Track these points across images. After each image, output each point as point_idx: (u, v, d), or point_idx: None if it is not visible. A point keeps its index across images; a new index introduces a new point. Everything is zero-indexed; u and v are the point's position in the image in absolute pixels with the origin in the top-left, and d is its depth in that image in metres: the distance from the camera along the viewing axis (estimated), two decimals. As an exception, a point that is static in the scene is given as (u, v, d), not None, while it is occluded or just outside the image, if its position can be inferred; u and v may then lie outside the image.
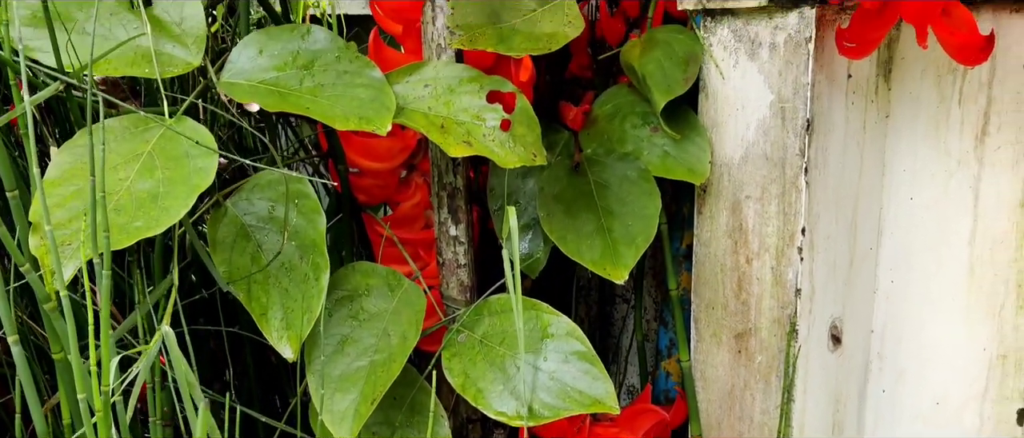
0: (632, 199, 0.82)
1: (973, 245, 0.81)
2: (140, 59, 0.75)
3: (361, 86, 0.75)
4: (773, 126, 0.79)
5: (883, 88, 0.84)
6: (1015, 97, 0.77)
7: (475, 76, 0.76)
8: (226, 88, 0.75)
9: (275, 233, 0.78)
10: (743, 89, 0.81)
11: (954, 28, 0.71)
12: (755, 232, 0.82)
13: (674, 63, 0.82)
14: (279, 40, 0.78)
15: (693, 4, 0.81)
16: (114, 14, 0.76)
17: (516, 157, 0.74)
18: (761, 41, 0.79)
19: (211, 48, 0.81)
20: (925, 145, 0.82)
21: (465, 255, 0.87)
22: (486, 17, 0.74)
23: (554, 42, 0.74)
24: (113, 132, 0.70)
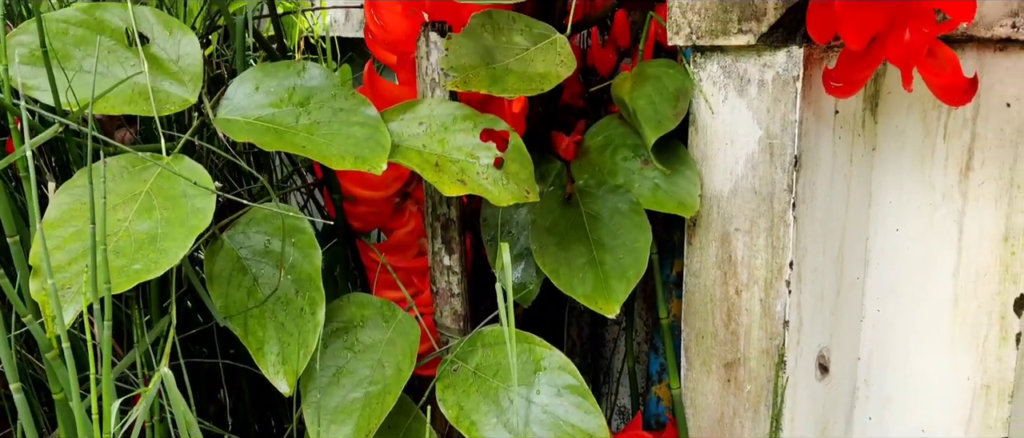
0: (623, 232, 0.83)
1: (957, 277, 0.83)
2: (137, 96, 0.76)
3: (357, 124, 0.76)
4: (762, 161, 0.80)
5: (870, 122, 0.85)
6: (998, 134, 0.78)
7: (469, 114, 0.77)
8: (222, 125, 0.76)
9: (271, 267, 0.79)
10: (732, 124, 0.82)
11: (939, 69, 0.72)
12: (744, 264, 0.84)
13: (664, 98, 0.83)
14: (275, 76, 0.79)
15: (683, 41, 0.83)
16: (111, 52, 0.77)
17: (509, 195, 0.75)
18: (750, 78, 0.80)
19: (207, 77, 0.82)
20: (911, 178, 0.84)
21: (458, 285, 0.89)
22: (480, 58, 0.75)
23: (546, 83, 0.75)
24: (111, 171, 0.71)
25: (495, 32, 0.78)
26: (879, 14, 0.69)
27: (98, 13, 0.77)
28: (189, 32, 0.78)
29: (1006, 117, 0.77)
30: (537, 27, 0.80)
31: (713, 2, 0.80)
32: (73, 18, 0.77)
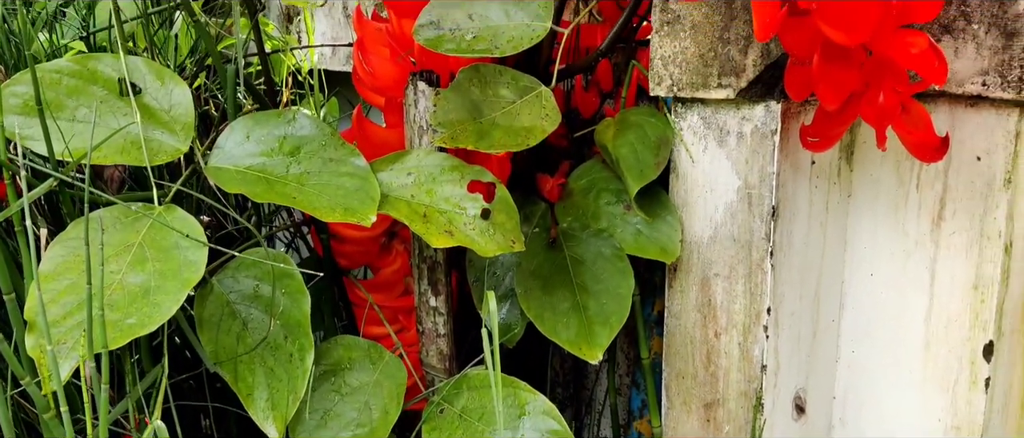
0: (607, 277, 0.85)
1: (929, 322, 0.85)
2: (130, 146, 0.77)
3: (346, 175, 0.78)
4: (740, 210, 0.83)
5: (845, 170, 0.88)
6: (969, 186, 0.81)
7: (457, 165, 0.79)
8: (213, 174, 0.78)
9: (260, 311, 0.80)
10: (712, 173, 0.84)
11: (912, 127, 0.75)
12: (723, 308, 0.86)
13: (646, 147, 0.85)
14: (266, 125, 0.81)
15: (665, 92, 0.85)
16: (104, 102, 0.78)
17: (495, 245, 0.77)
18: (729, 130, 0.82)
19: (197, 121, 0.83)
20: (885, 226, 0.86)
21: (445, 325, 0.90)
22: (467, 112, 0.77)
23: (532, 137, 0.77)
24: (104, 222, 0.73)
25: (482, 86, 0.80)
26: (854, 75, 0.72)
27: (91, 63, 0.78)
28: (181, 82, 0.80)
29: (976, 170, 0.80)
30: (523, 80, 0.82)
31: (694, 56, 0.82)
32: (66, 68, 0.78)
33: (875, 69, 0.72)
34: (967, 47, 0.77)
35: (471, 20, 0.80)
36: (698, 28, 0.82)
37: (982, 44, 0.76)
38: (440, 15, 0.81)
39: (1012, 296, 0.83)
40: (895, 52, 0.69)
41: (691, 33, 0.82)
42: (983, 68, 0.76)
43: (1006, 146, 0.78)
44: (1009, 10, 0.74)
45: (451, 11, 0.81)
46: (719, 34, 0.80)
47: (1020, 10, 0.74)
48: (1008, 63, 0.75)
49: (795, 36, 0.70)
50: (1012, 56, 0.75)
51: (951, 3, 0.77)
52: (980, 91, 0.77)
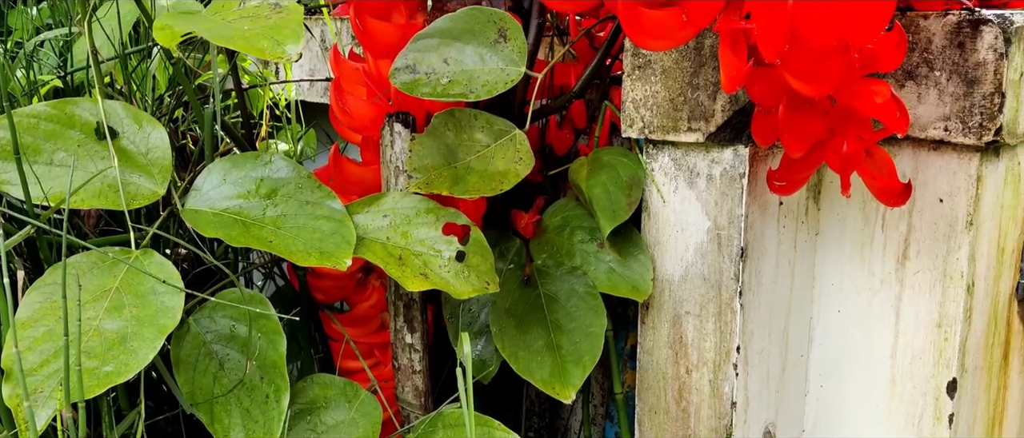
0: (580, 315, 0.86)
1: (894, 358, 0.87)
2: (107, 190, 0.78)
3: (323, 218, 0.79)
4: (710, 250, 0.84)
5: (813, 209, 0.89)
6: (932, 227, 0.83)
7: (432, 208, 0.80)
8: (190, 217, 0.79)
9: (236, 352, 0.81)
10: (683, 213, 0.86)
11: (876, 172, 0.77)
12: (694, 346, 0.87)
13: (619, 188, 0.87)
14: (242, 167, 0.82)
15: (636, 133, 0.86)
16: (82, 146, 0.79)
17: (470, 287, 0.78)
18: (699, 172, 0.84)
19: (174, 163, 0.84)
20: (851, 264, 0.88)
21: (420, 362, 0.91)
22: (442, 157, 0.78)
23: (506, 182, 0.78)
24: (81, 268, 0.73)
25: (457, 130, 0.81)
26: (819, 123, 0.74)
27: (68, 108, 0.79)
28: (158, 125, 0.80)
29: (939, 212, 0.82)
30: (497, 123, 0.83)
31: (664, 100, 0.84)
32: (43, 113, 0.78)
33: (839, 117, 0.74)
34: (930, 93, 0.79)
35: (446, 65, 0.82)
36: (668, 73, 0.83)
37: (944, 90, 0.78)
38: (416, 59, 0.82)
39: (975, 334, 0.85)
40: (859, 101, 0.71)
41: (661, 78, 0.84)
42: (945, 114, 0.78)
43: (968, 189, 0.80)
44: (970, 58, 0.76)
45: (427, 55, 0.82)
46: (688, 80, 0.82)
47: (980, 59, 0.76)
48: (969, 110, 0.77)
49: (761, 86, 0.72)
50: (973, 103, 0.77)
51: (914, 50, 0.79)
52: (942, 136, 0.79)
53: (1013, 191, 0.86)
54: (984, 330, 0.86)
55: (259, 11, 0.69)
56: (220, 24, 0.68)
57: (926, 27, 0.78)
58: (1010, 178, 0.84)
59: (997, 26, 0.75)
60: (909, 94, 0.80)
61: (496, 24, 0.82)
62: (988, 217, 0.82)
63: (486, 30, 0.82)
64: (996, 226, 0.84)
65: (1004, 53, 0.75)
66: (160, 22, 0.69)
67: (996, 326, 0.88)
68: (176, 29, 0.67)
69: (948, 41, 0.77)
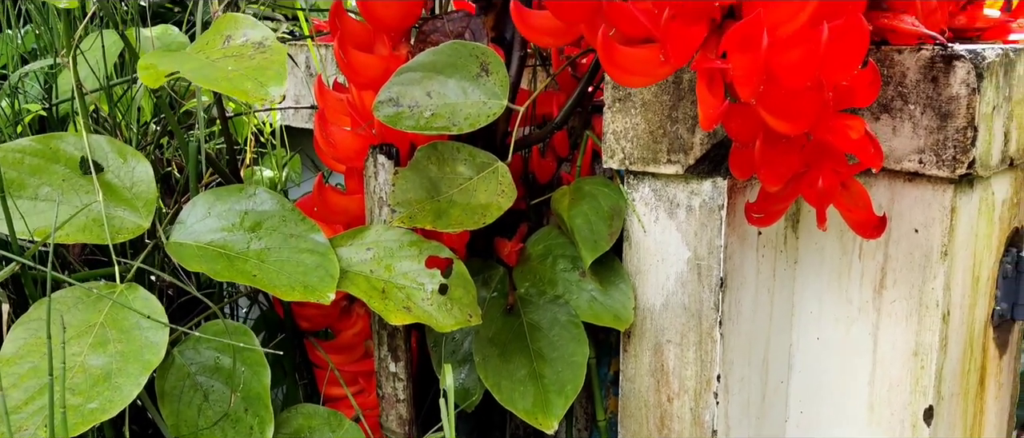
0: (562, 344, 0.87)
1: (872, 386, 0.89)
2: (92, 224, 0.78)
3: (306, 251, 0.79)
4: (690, 280, 0.85)
5: (792, 238, 0.91)
6: (908, 257, 0.84)
7: (415, 241, 0.81)
8: (174, 250, 0.79)
9: (221, 383, 0.81)
10: (663, 243, 0.87)
11: (852, 205, 0.78)
12: (675, 374, 0.88)
13: (600, 218, 0.88)
14: (227, 200, 0.82)
15: (617, 164, 0.87)
16: (66, 180, 0.79)
17: (453, 320, 0.79)
18: (679, 203, 0.85)
19: (159, 191, 0.84)
20: (829, 292, 0.90)
21: (404, 390, 0.92)
22: (425, 191, 0.79)
23: (488, 215, 0.79)
24: (66, 303, 0.74)
25: (440, 163, 0.82)
26: (795, 158, 0.75)
27: (53, 143, 0.79)
28: (143, 159, 0.81)
29: (915, 242, 0.83)
30: (480, 156, 0.84)
31: (644, 132, 0.85)
32: (28, 148, 0.79)
33: (815, 151, 0.75)
34: (904, 126, 0.80)
35: (429, 98, 0.83)
36: (648, 106, 0.84)
37: (918, 124, 0.79)
38: (399, 92, 0.83)
39: (951, 361, 0.86)
40: (834, 137, 0.72)
41: (641, 110, 0.85)
42: (920, 147, 0.80)
43: (942, 220, 0.81)
44: (943, 93, 0.78)
45: (410, 89, 0.83)
46: (668, 113, 0.83)
47: (953, 93, 0.77)
48: (943, 143, 0.78)
49: (738, 123, 0.73)
50: (947, 136, 0.78)
51: (889, 83, 0.81)
52: (917, 168, 0.80)
53: (987, 220, 0.87)
54: (960, 357, 0.87)
55: (243, 50, 0.70)
56: (204, 64, 0.69)
57: (900, 61, 0.80)
58: (984, 208, 0.86)
59: (969, 62, 0.76)
60: (884, 127, 0.81)
61: (478, 58, 0.83)
62: (963, 247, 0.84)
63: (468, 64, 0.83)
64: (971, 255, 0.86)
65: (976, 88, 0.76)
66: (144, 61, 0.70)
67: (972, 353, 0.90)
68: (160, 68, 0.68)
69: (922, 75, 0.79)
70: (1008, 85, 0.82)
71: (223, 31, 0.73)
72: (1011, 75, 0.82)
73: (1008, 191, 0.90)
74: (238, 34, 0.72)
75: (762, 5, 0.65)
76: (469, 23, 0.92)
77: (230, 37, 0.72)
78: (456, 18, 0.93)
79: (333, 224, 0.96)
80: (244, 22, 0.73)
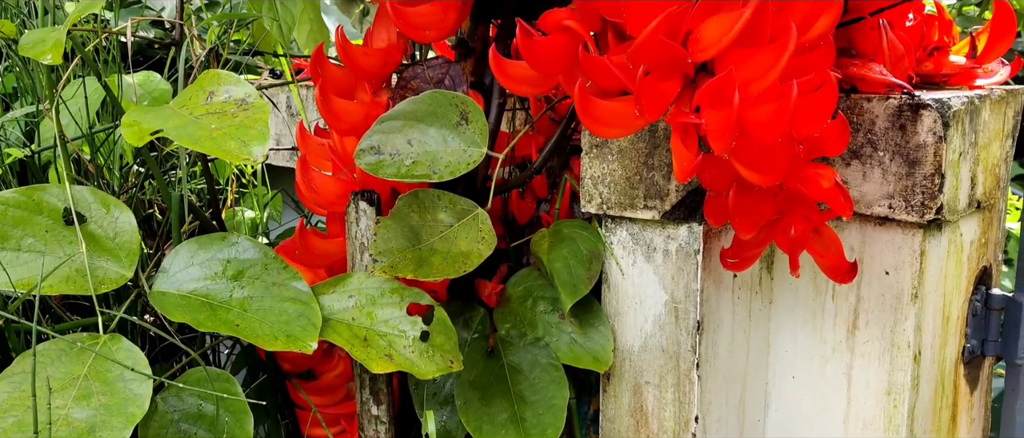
0: (543, 387, 0.88)
1: (847, 424, 0.90)
2: (75, 275, 0.79)
3: (289, 299, 0.80)
4: (668, 323, 0.87)
5: (766, 278, 0.92)
6: (880, 298, 0.86)
7: (396, 288, 0.82)
8: (157, 299, 0.80)
9: (204, 431, 0.82)
10: (641, 286, 0.89)
11: (824, 250, 0.80)
12: (654, 415, 0.90)
13: (579, 262, 0.89)
14: (209, 249, 0.83)
15: (595, 209, 0.89)
16: (49, 231, 0.80)
17: (434, 367, 0.80)
18: (656, 246, 0.87)
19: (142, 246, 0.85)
20: (804, 332, 0.91)
21: (386, 433, 0.93)
22: (406, 240, 0.80)
23: (469, 263, 0.81)
24: (50, 355, 0.74)
25: (421, 211, 0.83)
26: (768, 206, 0.77)
27: (36, 194, 0.80)
28: (125, 209, 0.82)
29: (886, 284, 0.85)
30: (460, 203, 0.86)
31: (621, 178, 0.87)
32: (11, 200, 0.79)
33: (787, 200, 0.77)
34: (874, 172, 0.82)
35: (410, 146, 0.84)
36: (624, 153, 0.86)
37: (888, 170, 0.81)
38: (380, 141, 0.84)
39: (923, 400, 0.88)
40: (806, 186, 0.74)
41: (618, 157, 0.87)
42: (889, 192, 0.82)
43: (912, 264, 0.83)
44: (911, 140, 0.80)
45: (391, 137, 0.84)
46: (644, 160, 0.85)
47: (920, 141, 0.79)
48: (911, 189, 0.80)
49: (712, 173, 0.75)
50: (915, 182, 0.80)
51: (859, 130, 0.83)
52: (887, 213, 0.82)
53: (956, 261, 0.89)
54: (932, 395, 0.89)
55: (226, 107, 0.71)
56: (187, 121, 0.70)
57: (870, 109, 0.82)
58: (953, 249, 0.88)
59: (936, 111, 0.78)
60: (855, 172, 0.83)
61: (458, 107, 0.85)
62: (933, 288, 0.86)
63: (448, 113, 0.85)
64: (941, 296, 0.88)
65: (943, 136, 0.78)
66: (128, 118, 0.71)
67: (944, 390, 0.92)
68: (144, 126, 0.69)
69: (890, 123, 0.81)
70: (974, 131, 0.84)
71: (206, 87, 0.74)
72: (976, 121, 0.84)
73: (976, 232, 0.92)
74: (221, 90, 0.73)
75: (733, 62, 0.67)
76: (448, 69, 0.94)
77: (213, 93, 0.73)
78: (436, 64, 0.94)
79: (315, 268, 0.97)
80: (226, 79, 0.74)
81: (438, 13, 0.87)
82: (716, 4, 0.68)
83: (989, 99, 0.87)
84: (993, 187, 0.91)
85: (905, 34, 0.91)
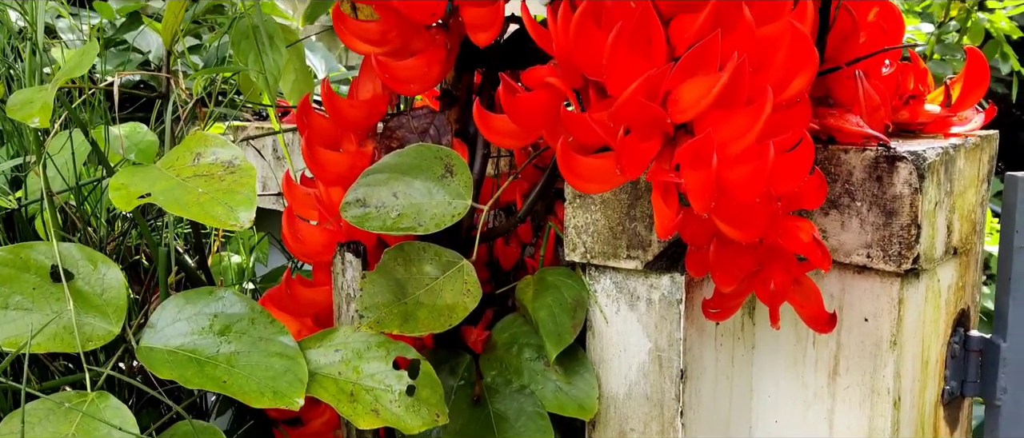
0: (529, 435, 0.89)
1: (830, 468, 0.91)
2: (63, 331, 0.79)
3: (275, 355, 0.81)
4: (652, 371, 0.88)
5: (748, 324, 0.94)
6: (859, 345, 0.87)
7: (383, 342, 0.83)
8: (144, 356, 0.80)
9: (192, 485, 0.82)
10: (625, 334, 0.90)
11: (804, 300, 0.81)
12: (639, 461, 0.91)
13: (564, 310, 0.90)
14: (196, 303, 0.84)
15: (579, 257, 0.90)
16: (37, 288, 0.80)
17: (421, 421, 0.80)
18: (639, 295, 0.88)
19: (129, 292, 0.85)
20: (786, 377, 0.92)
21: (373, 481, 0.93)
22: (392, 294, 0.81)
23: (454, 316, 0.81)
24: (37, 415, 0.74)
25: (406, 264, 0.84)
26: (748, 260, 0.78)
27: (23, 252, 0.80)
28: (113, 265, 0.82)
29: (865, 331, 0.87)
30: (445, 255, 0.87)
31: (604, 228, 0.88)
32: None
33: (767, 253, 0.78)
34: (852, 221, 0.84)
35: (396, 198, 0.85)
36: (607, 203, 0.87)
37: (865, 220, 0.83)
38: (366, 193, 0.85)
39: (903, 444, 0.89)
40: (785, 240, 0.76)
41: (601, 207, 0.88)
42: (867, 242, 0.83)
43: (891, 311, 0.85)
44: (887, 191, 0.81)
45: (376, 190, 0.85)
46: (626, 210, 0.86)
47: (897, 192, 0.81)
48: (889, 239, 0.82)
49: (693, 229, 0.76)
50: (892, 232, 0.82)
51: (837, 181, 0.84)
52: (865, 262, 0.84)
53: (934, 307, 0.91)
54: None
55: (213, 169, 0.72)
56: (175, 184, 0.71)
57: (847, 160, 0.83)
58: (930, 295, 0.90)
59: (911, 163, 0.80)
60: (833, 222, 0.85)
61: (443, 160, 0.86)
62: (911, 334, 0.87)
63: (433, 165, 0.86)
64: (919, 341, 0.89)
65: (918, 188, 0.80)
66: (116, 181, 0.72)
67: (924, 433, 0.93)
68: (132, 190, 0.70)
69: (867, 174, 0.82)
70: (949, 180, 0.86)
71: (193, 148, 0.75)
72: (952, 170, 0.86)
73: (953, 276, 0.94)
74: (207, 152, 0.74)
75: (712, 124, 0.69)
76: (433, 119, 0.95)
77: (200, 154, 0.74)
78: (420, 114, 0.95)
79: (301, 316, 0.98)
80: (213, 141, 0.75)
81: (423, 67, 0.88)
82: (693, 66, 0.70)
83: (964, 148, 0.88)
84: (969, 232, 0.93)
85: (881, 83, 0.93)
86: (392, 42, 0.88)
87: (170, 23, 0.92)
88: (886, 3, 0.96)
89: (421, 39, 0.88)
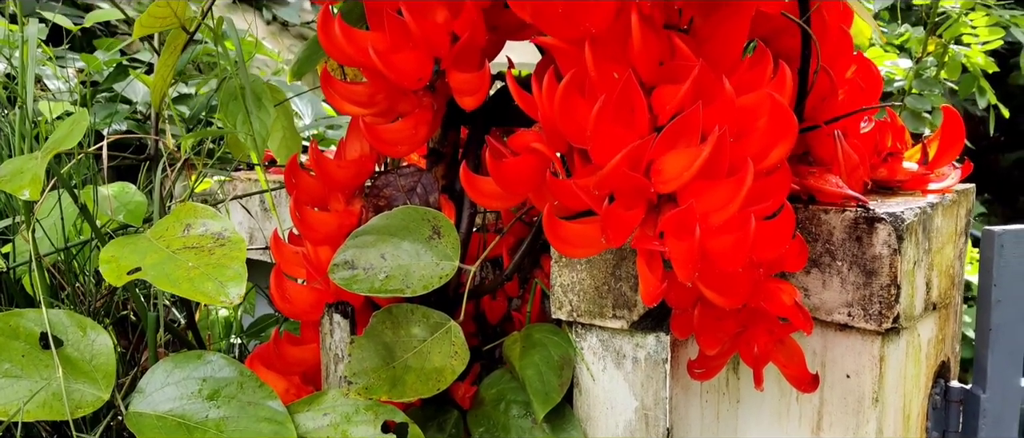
0: (516, 494, 0.90)
1: (815, 522, 0.92)
2: (52, 399, 0.80)
3: (264, 420, 0.81)
4: (639, 428, 0.89)
5: (733, 379, 0.95)
6: (842, 401, 0.88)
7: (371, 406, 0.83)
8: (133, 422, 0.81)
9: None
10: (612, 392, 0.90)
11: (787, 361, 0.82)
12: (627, 518, 0.91)
13: (551, 368, 0.91)
14: (185, 367, 0.84)
15: (565, 316, 0.91)
16: (26, 355, 0.81)
17: (410, 484, 0.81)
18: (625, 354, 0.89)
19: (119, 369, 0.86)
20: (770, 432, 0.93)
21: None
22: (380, 358, 0.82)
23: (442, 380, 0.82)
24: (26, 485, 0.75)
25: (395, 327, 0.85)
26: (731, 322, 0.79)
27: (13, 320, 0.81)
28: (101, 330, 0.83)
29: (848, 387, 0.88)
30: (433, 316, 0.87)
31: (590, 287, 0.89)
32: (-12, 326, 0.80)
33: (750, 316, 0.79)
34: (833, 280, 0.85)
35: (384, 260, 0.86)
36: (593, 263, 0.89)
37: (846, 279, 0.84)
38: (354, 255, 0.86)
39: (887, 499, 0.90)
40: (768, 303, 0.77)
41: (587, 267, 0.89)
42: (848, 301, 0.85)
43: (872, 368, 0.86)
44: (867, 252, 0.83)
45: (364, 251, 0.86)
46: (612, 271, 0.88)
47: (876, 253, 0.82)
48: (869, 298, 0.83)
49: (677, 294, 0.77)
50: (872, 292, 0.83)
51: (818, 240, 0.86)
52: (847, 320, 0.85)
53: (915, 362, 0.92)
54: (895, 494, 0.91)
55: (202, 241, 0.72)
56: (165, 258, 0.71)
57: (827, 221, 0.85)
58: (911, 351, 0.91)
59: (890, 224, 0.81)
60: (814, 280, 0.86)
61: (430, 222, 0.87)
62: (893, 390, 0.88)
63: (421, 227, 0.87)
64: (901, 396, 0.91)
65: (897, 249, 0.81)
66: (107, 254, 0.72)
67: (907, 485, 0.94)
68: (123, 263, 0.70)
69: (847, 235, 0.84)
70: (927, 239, 0.87)
71: (183, 219, 0.76)
72: (929, 229, 0.88)
73: (933, 330, 0.96)
74: (197, 224, 0.74)
75: (694, 194, 0.70)
76: (420, 178, 0.96)
77: (189, 226, 0.74)
78: (407, 173, 0.96)
79: (290, 375, 0.98)
80: (203, 212, 0.75)
81: (410, 130, 0.89)
82: (676, 136, 0.72)
83: (941, 205, 0.90)
84: (948, 287, 0.95)
85: (860, 141, 0.94)
86: (379, 104, 0.89)
87: (159, 86, 0.92)
88: (863, 60, 0.98)
89: (408, 101, 0.90)
